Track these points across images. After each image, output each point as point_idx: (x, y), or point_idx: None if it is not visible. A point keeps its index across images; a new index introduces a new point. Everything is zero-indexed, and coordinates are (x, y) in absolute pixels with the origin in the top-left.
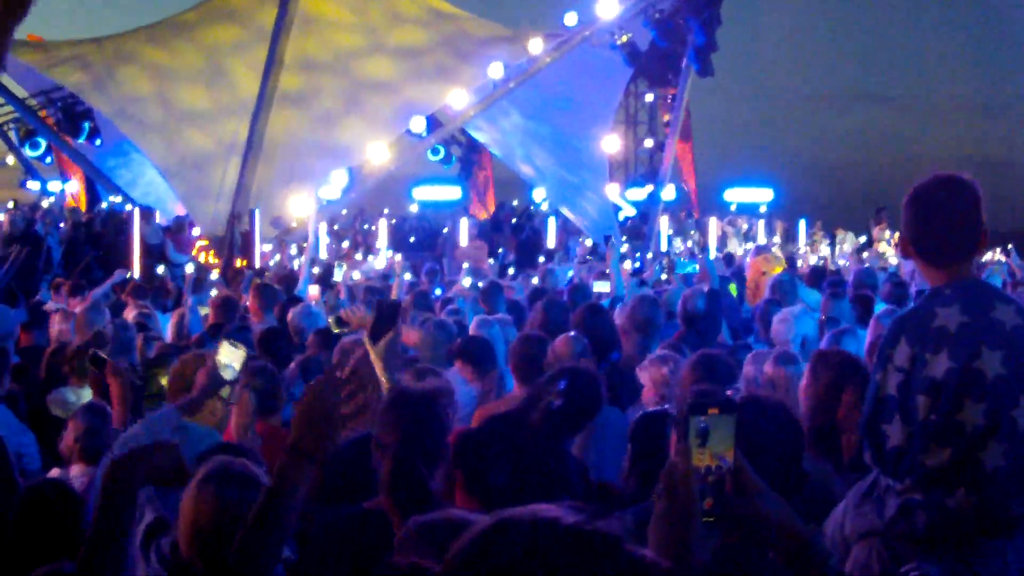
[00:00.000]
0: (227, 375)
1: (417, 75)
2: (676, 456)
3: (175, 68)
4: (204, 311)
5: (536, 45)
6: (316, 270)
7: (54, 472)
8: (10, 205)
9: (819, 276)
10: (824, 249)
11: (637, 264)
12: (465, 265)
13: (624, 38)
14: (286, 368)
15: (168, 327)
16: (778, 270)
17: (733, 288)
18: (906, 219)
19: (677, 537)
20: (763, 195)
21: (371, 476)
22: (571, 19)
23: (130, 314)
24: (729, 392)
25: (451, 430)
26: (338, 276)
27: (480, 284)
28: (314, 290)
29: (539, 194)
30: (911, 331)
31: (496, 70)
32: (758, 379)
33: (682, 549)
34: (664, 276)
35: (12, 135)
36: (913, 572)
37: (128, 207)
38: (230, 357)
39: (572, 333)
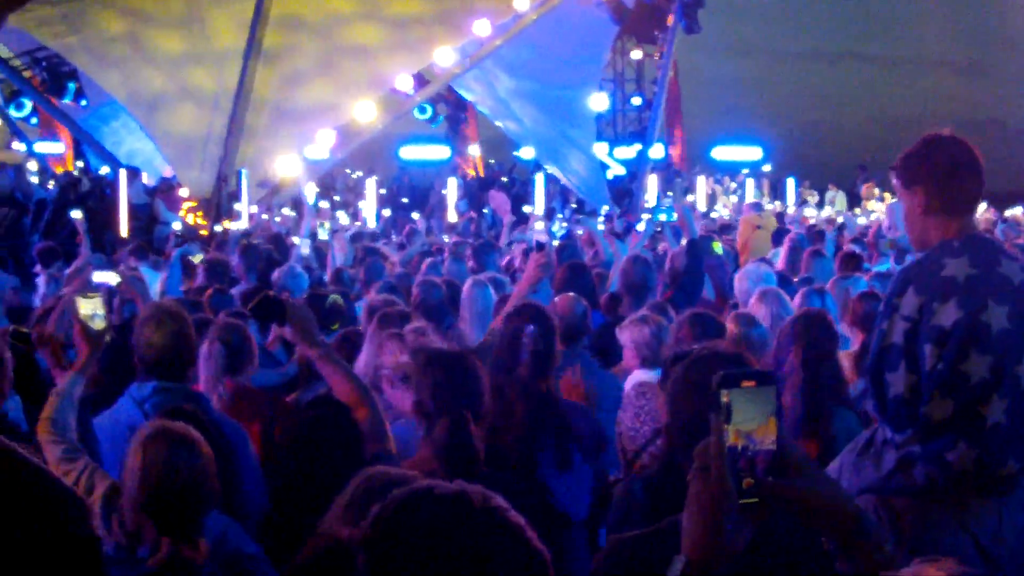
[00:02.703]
0: (98, 325)
1: (404, 44)
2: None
3: (151, 12)
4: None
5: (522, 2)
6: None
7: None
8: None
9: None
10: (812, 209)
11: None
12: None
13: None
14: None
15: (156, 286)
16: (772, 225)
17: (717, 245)
18: (928, 171)
19: (711, 521)
20: (752, 153)
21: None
22: None
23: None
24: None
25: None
26: (323, 235)
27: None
28: (305, 248)
29: (527, 152)
30: (919, 280)
31: (482, 27)
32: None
33: (715, 534)
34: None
35: None
36: None
37: (107, 168)
38: (90, 307)
39: (572, 294)
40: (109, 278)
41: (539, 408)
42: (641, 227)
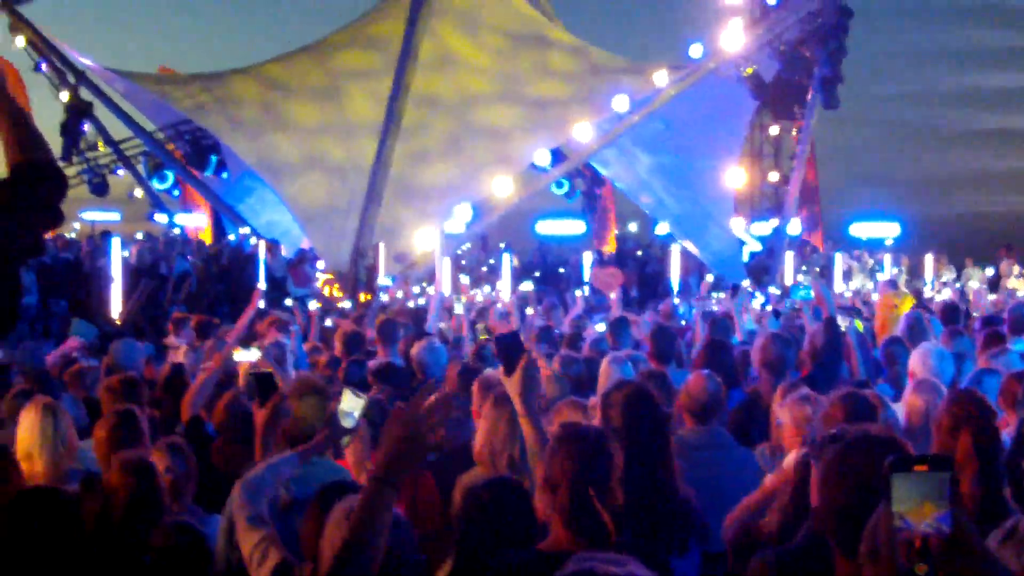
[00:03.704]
0: (347, 423)
1: (541, 124)
2: (881, 518)
3: (290, 82)
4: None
5: (661, 77)
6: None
7: None
8: (139, 236)
9: (953, 313)
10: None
11: (763, 300)
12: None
13: (749, 70)
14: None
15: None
16: (908, 305)
17: (859, 323)
18: None
19: None
20: (889, 229)
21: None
22: (696, 51)
23: (263, 344)
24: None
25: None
26: (458, 310)
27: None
28: (444, 324)
29: (662, 228)
30: None
31: (621, 103)
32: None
33: None
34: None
35: (141, 168)
36: None
37: (253, 240)
38: (351, 405)
39: (705, 371)
40: (250, 356)
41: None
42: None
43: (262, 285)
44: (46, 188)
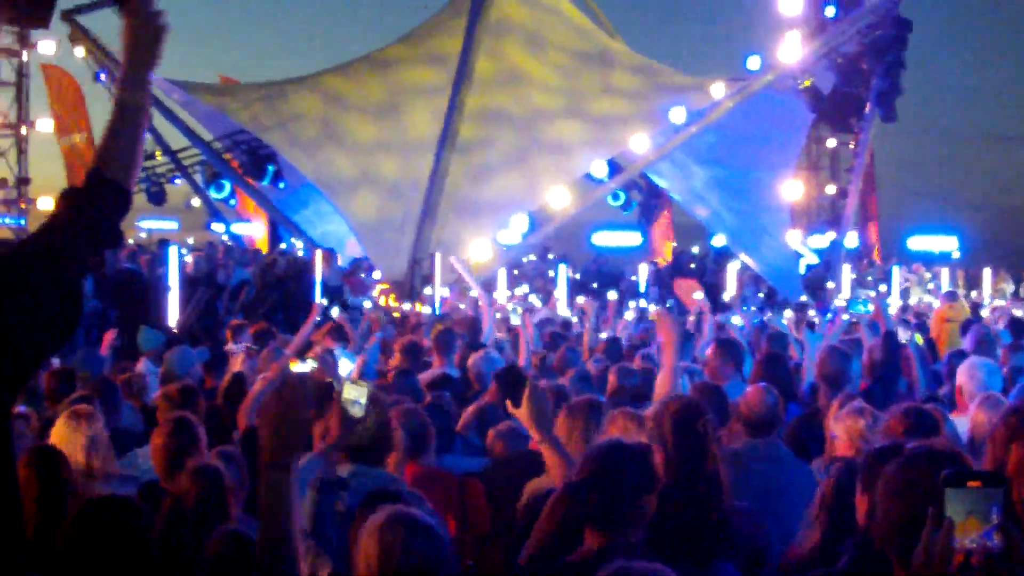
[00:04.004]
0: (356, 412)
1: (601, 141)
2: (933, 534)
3: (350, 97)
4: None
5: (718, 90)
6: (499, 315)
7: None
8: (189, 241)
9: (1020, 327)
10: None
11: (813, 313)
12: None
13: (807, 83)
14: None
15: (353, 369)
16: (962, 318)
17: (918, 337)
18: None
19: None
20: (947, 243)
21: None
22: (753, 63)
23: (313, 354)
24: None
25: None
26: (515, 320)
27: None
28: (500, 333)
29: (719, 239)
30: None
31: (678, 115)
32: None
33: None
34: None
35: (198, 177)
36: None
37: (300, 249)
38: (355, 394)
39: (763, 384)
40: (306, 367)
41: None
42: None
43: (319, 295)
44: (107, 203)
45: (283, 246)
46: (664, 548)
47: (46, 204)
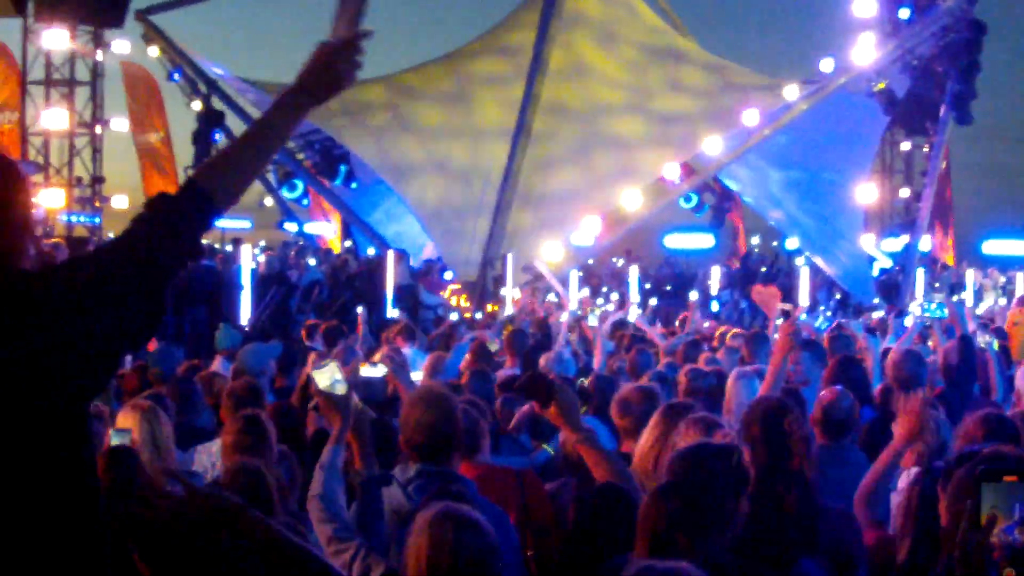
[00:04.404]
0: (340, 390)
1: (665, 139)
2: (969, 527)
3: (420, 87)
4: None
5: (792, 92)
6: (565, 316)
7: None
8: (262, 243)
9: None
10: None
11: (882, 315)
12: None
13: (881, 85)
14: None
15: (423, 369)
16: None
17: (996, 343)
18: None
19: None
20: (1022, 247)
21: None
22: (827, 65)
23: (379, 355)
24: None
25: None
26: (592, 322)
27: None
28: (573, 335)
29: (792, 242)
30: None
31: (751, 117)
32: None
33: None
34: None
35: (271, 177)
36: None
37: (373, 249)
38: (327, 376)
39: (838, 387)
40: (376, 372)
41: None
42: (909, 321)
43: (390, 295)
44: (192, 214)
45: (348, 243)
46: (746, 547)
47: (120, 202)
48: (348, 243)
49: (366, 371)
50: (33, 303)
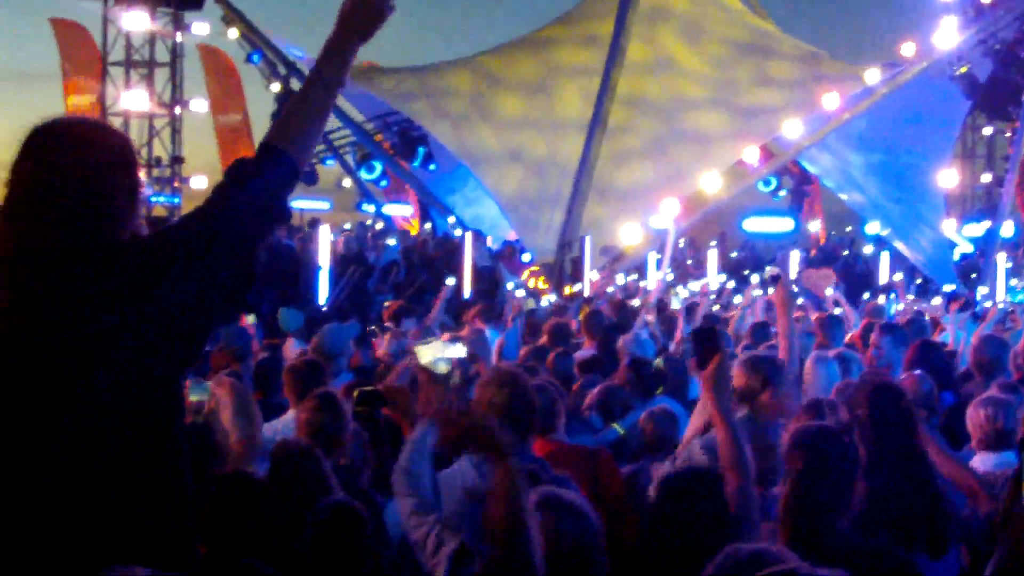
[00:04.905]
0: (442, 369)
1: (746, 133)
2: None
3: (503, 75)
4: None
5: (872, 76)
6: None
7: None
8: (347, 226)
9: None
10: None
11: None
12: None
13: (963, 69)
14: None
15: (494, 348)
16: None
17: None
18: None
19: None
20: None
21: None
22: (908, 49)
23: (464, 334)
24: None
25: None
26: (675, 304)
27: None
28: (651, 316)
29: (872, 227)
30: None
31: (831, 101)
32: None
33: None
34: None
35: (349, 158)
36: None
37: (459, 231)
38: (431, 353)
39: (918, 372)
40: (457, 351)
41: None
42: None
43: (467, 276)
44: (274, 175)
45: (428, 225)
46: (879, 533)
47: (199, 183)
48: (428, 225)
49: (449, 351)
50: (125, 273)
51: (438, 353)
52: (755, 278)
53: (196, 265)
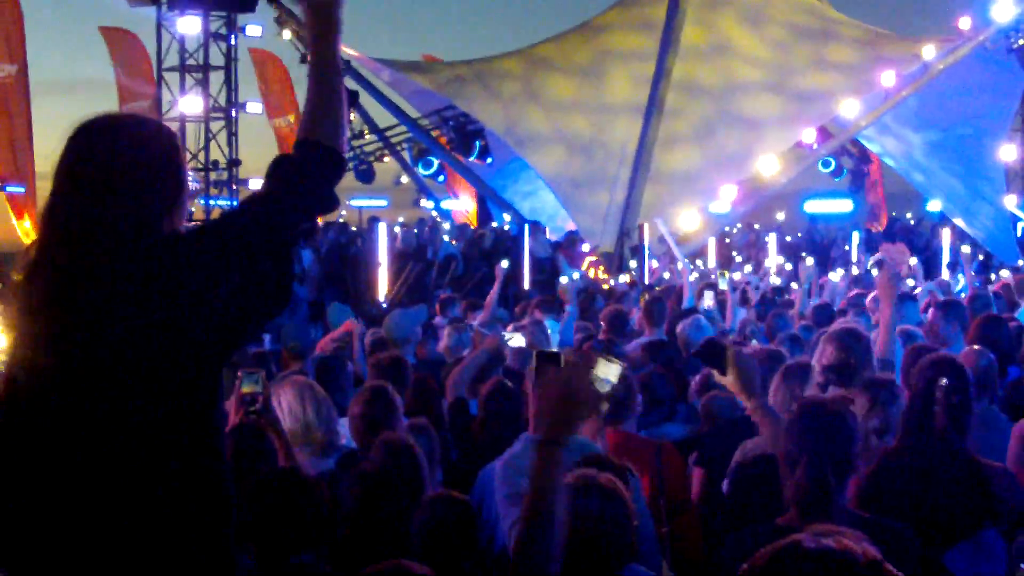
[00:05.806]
0: (603, 389)
1: (800, 118)
2: None
3: (554, 59)
4: None
5: (929, 51)
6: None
7: None
8: (401, 220)
9: None
10: None
11: None
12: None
13: (1021, 41)
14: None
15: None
16: None
17: None
18: None
19: None
20: None
21: (777, 493)
22: (965, 23)
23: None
24: None
25: (859, 442)
26: (723, 286)
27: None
28: (708, 299)
29: (934, 205)
30: None
31: (889, 78)
32: None
33: None
34: None
35: (406, 154)
36: None
37: (509, 224)
38: (606, 371)
39: (977, 347)
40: (518, 340)
41: (956, 468)
42: None
43: (526, 269)
44: (321, 166)
45: (494, 224)
46: (908, 514)
47: (257, 185)
48: (494, 224)
49: (511, 341)
50: (167, 267)
51: (611, 377)
52: (810, 260)
53: (235, 261)
